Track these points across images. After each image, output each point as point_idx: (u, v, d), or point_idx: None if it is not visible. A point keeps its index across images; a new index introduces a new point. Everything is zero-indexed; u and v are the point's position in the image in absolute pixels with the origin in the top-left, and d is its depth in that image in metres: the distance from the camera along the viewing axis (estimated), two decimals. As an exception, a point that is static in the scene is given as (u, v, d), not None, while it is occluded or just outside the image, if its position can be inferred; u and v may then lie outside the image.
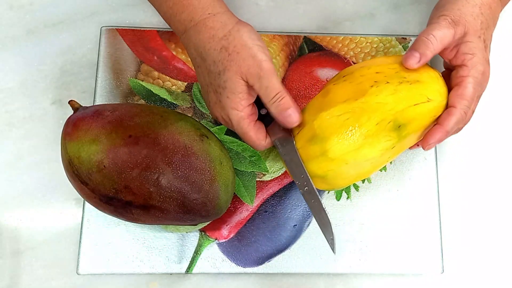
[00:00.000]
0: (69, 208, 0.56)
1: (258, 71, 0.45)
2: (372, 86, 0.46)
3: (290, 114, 0.46)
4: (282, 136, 0.48)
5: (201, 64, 0.48)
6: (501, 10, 0.52)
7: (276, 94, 0.46)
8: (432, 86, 0.48)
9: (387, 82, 0.47)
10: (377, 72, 0.48)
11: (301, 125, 0.48)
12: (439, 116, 0.48)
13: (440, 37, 0.46)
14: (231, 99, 0.46)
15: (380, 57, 0.56)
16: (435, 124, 0.48)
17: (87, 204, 0.55)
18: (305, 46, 0.61)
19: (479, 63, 0.47)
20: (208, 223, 0.55)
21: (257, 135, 0.48)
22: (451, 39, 0.47)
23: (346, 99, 0.46)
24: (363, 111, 0.46)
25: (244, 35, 0.46)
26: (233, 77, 0.46)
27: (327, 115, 0.46)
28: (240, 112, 0.47)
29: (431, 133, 0.47)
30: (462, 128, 0.50)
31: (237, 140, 0.57)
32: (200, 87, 0.49)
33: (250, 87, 0.46)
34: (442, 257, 0.55)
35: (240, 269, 0.54)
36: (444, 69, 0.53)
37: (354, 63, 0.60)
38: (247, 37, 0.46)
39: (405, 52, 0.61)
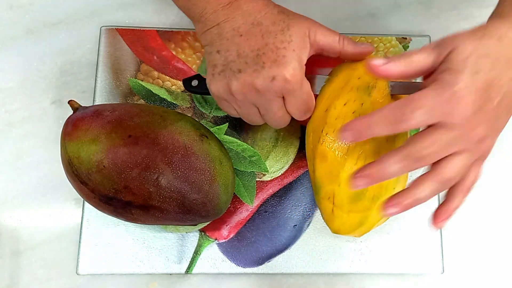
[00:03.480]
0: (68, 208, 0.56)
1: (315, 24, 0.48)
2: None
3: (363, 44, 0.49)
4: None
5: (252, 30, 0.46)
6: None
7: (339, 35, 0.48)
8: None
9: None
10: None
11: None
12: None
13: (414, 59, 0.41)
14: (296, 52, 0.45)
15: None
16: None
17: (87, 204, 0.55)
18: (305, 46, 0.61)
19: (455, 81, 0.38)
20: (208, 223, 0.55)
21: (312, 94, 0.48)
22: (429, 64, 0.41)
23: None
24: None
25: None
26: (298, 32, 0.46)
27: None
28: (303, 67, 0.46)
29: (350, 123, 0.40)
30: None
31: (237, 140, 0.57)
32: (236, 57, 0.46)
33: (308, 43, 0.47)
34: (442, 257, 0.55)
35: (240, 269, 0.54)
36: None
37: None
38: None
39: (405, 52, 0.61)
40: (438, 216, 0.43)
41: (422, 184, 0.40)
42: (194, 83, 0.53)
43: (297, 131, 0.58)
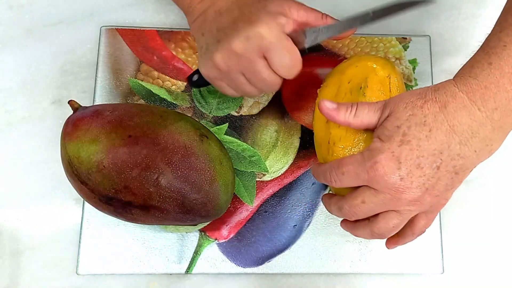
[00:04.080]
0: (68, 208, 0.56)
1: (301, 4, 0.47)
2: None
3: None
4: None
5: (231, 6, 0.47)
6: (491, 121, 0.40)
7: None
8: None
9: None
10: None
11: None
12: None
13: (360, 112, 0.43)
14: (273, 15, 0.45)
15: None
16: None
17: (87, 204, 0.55)
18: (305, 46, 0.61)
19: (378, 151, 0.40)
20: (208, 223, 0.55)
21: (295, 47, 0.46)
22: (370, 120, 0.43)
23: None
24: None
25: None
26: (276, 3, 0.46)
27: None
28: (278, 26, 0.45)
29: None
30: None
31: (237, 140, 0.57)
32: (216, 33, 0.47)
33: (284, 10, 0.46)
34: (442, 257, 0.55)
35: (240, 269, 0.54)
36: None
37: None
38: None
39: (405, 51, 0.61)
40: (389, 242, 0.47)
41: (359, 229, 0.45)
42: (195, 77, 0.53)
43: (297, 131, 0.58)
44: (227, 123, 0.58)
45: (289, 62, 0.46)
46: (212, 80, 0.49)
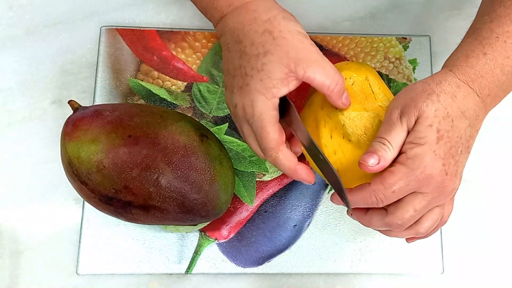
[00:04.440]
0: (68, 208, 0.56)
1: (309, 56, 0.42)
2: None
3: (346, 97, 0.44)
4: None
5: (233, 48, 0.44)
6: (485, 105, 0.44)
7: (334, 78, 0.43)
8: None
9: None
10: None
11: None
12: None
13: (395, 141, 0.42)
14: (263, 83, 0.42)
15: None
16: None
17: (87, 204, 0.55)
18: (305, 46, 0.61)
19: (422, 156, 0.40)
20: (208, 223, 0.55)
21: (275, 134, 0.42)
22: (405, 135, 0.42)
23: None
24: None
25: (290, 23, 0.44)
26: (275, 61, 0.42)
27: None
28: (268, 101, 0.42)
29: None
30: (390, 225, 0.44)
31: (237, 140, 0.57)
32: (224, 74, 0.45)
33: (290, 76, 0.42)
34: (442, 257, 0.55)
35: (240, 269, 0.54)
36: None
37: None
38: (293, 25, 0.44)
39: (405, 51, 0.61)
40: (411, 238, 0.47)
41: (402, 234, 0.45)
42: None
43: (297, 131, 0.58)
44: (227, 123, 0.58)
45: (260, 143, 0.43)
46: None
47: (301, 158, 0.46)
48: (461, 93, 0.42)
